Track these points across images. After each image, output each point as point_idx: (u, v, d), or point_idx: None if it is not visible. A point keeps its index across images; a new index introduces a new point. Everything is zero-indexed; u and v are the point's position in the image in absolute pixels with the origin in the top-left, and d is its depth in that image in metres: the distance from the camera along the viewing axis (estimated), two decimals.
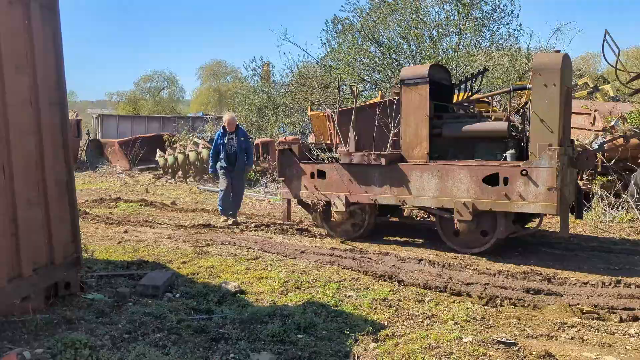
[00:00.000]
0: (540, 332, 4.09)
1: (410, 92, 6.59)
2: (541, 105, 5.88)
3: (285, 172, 7.46)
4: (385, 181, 6.72)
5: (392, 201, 6.76)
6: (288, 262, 6.02)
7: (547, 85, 5.84)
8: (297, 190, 7.36)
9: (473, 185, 6.17)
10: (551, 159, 5.74)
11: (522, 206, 5.95)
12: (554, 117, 5.85)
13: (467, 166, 6.23)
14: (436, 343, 3.81)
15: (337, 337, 3.91)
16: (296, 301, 4.67)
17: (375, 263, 5.95)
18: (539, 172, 5.81)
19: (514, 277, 5.46)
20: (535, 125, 5.94)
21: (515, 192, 5.94)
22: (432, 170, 6.42)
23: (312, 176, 7.22)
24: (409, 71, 6.84)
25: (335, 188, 7.05)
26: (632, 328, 4.13)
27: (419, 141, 6.57)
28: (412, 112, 6.60)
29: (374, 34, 17.52)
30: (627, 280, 5.23)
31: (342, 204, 6.90)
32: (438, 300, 4.77)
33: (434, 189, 6.41)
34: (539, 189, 5.81)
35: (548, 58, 6.07)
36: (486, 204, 6.11)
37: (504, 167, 6.07)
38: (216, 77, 48.03)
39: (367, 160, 6.76)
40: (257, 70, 21.53)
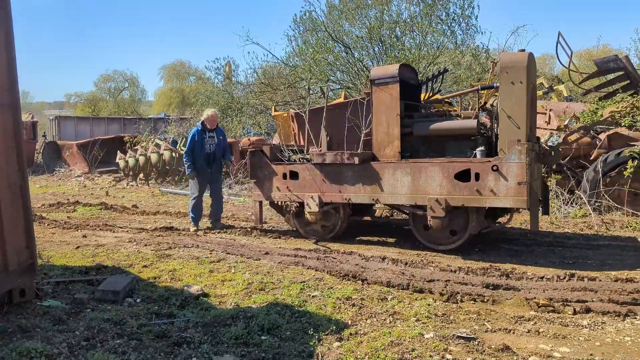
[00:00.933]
0: (499, 326, 4.20)
1: (380, 92, 6.63)
2: (508, 102, 6.00)
3: (256, 173, 7.37)
4: (358, 180, 6.74)
5: (365, 200, 6.77)
6: (252, 263, 5.99)
7: (514, 83, 5.97)
8: (269, 192, 7.29)
9: (445, 182, 6.24)
10: (520, 154, 5.85)
11: (493, 201, 6.04)
12: (521, 113, 5.97)
13: (438, 163, 6.30)
14: (399, 340, 3.86)
15: (300, 337, 3.92)
16: (260, 303, 4.66)
17: (340, 262, 5.99)
18: (509, 167, 5.92)
19: (474, 273, 5.59)
20: (503, 122, 6.05)
21: (487, 187, 6.04)
22: (405, 168, 6.46)
23: (284, 177, 7.17)
24: (379, 71, 6.85)
25: (308, 189, 7.02)
26: (585, 320, 4.29)
27: (390, 140, 6.63)
28: (383, 112, 6.64)
29: (339, 33, 17.62)
30: (580, 273, 5.43)
31: (316, 204, 6.88)
32: (401, 298, 4.84)
33: (407, 187, 6.45)
34: (509, 183, 5.92)
35: (514, 56, 6.19)
36: (458, 200, 6.19)
37: (475, 163, 6.16)
38: (179, 78, 47.29)
39: (340, 160, 6.76)
40: (220, 70, 21.34)
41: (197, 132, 8.17)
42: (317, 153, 7.00)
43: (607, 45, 34.89)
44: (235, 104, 19.46)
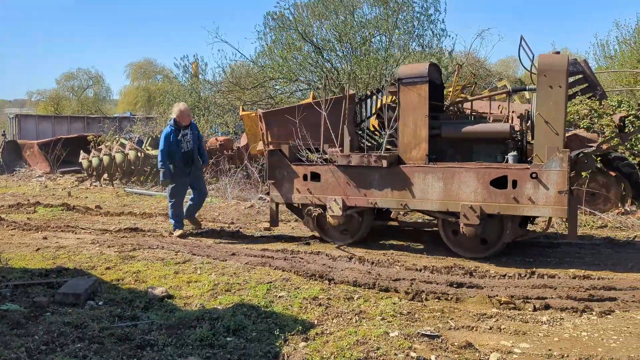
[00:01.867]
0: (462, 323, 4.28)
1: (408, 92, 6.32)
2: (546, 107, 5.76)
3: (274, 174, 7.00)
4: (385, 184, 6.42)
5: (393, 205, 6.50)
6: (218, 264, 5.94)
7: (553, 87, 5.72)
8: (288, 194, 6.93)
9: (480, 188, 5.96)
10: (562, 162, 5.61)
11: (531, 209, 5.80)
12: (559, 119, 5.74)
13: (473, 168, 6.02)
14: (364, 339, 3.89)
15: (266, 338, 3.91)
16: (226, 304, 4.62)
17: (307, 263, 5.99)
18: (549, 175, 5.67)
19: (439, 272, 5.68)
20: (540, 127, 5.81)
21: (525, 195, 5.78)
22: (437, 173, 6.15)
23: (304, 179, 6.83)
24: (407, 69, 6.49)
25: (330, 191, 6.68)
26: (544, 316, 4.41)
27: (417, 142, 6.33)
28: (411, 112, 6.33)
29: (308, 33, 17.63)
30: (540, 271, 5.59)
31: (339, 208, 6.55)
32: (367, 297, 4.88)
33: (439, 192, 6.15)
34: (549, 192, 5.68)
35: (553, 59, 5.93)
36: (494, 207, 5.92)
37: (512, 169, 5.88)
38: (146, 76, 46.45)
39: (367, 162, 6.41)
40: (187, 68, 21.06)
41: (172, 131, 7.51)
42: (342, 155, 6.64)
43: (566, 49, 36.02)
44: (203, 103, 19.23)
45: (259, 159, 11.57)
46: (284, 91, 19.23)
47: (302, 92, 18.74)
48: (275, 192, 7.04)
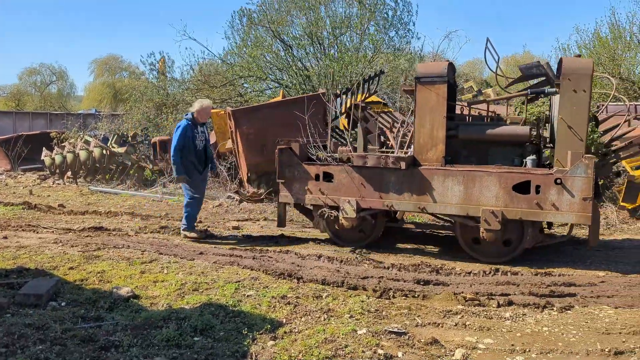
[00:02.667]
0: (429, 320, 4.35)
1: (426, 91, 6.15)
2: (569, 111, 5.70)
3: (284, 173, 6.77)
4: (402, 186, 6.24)
5: (410, 208, 6.31)
6: (186, 264, 5.87)
7: (577, 91, 5.66)
8: (299, 194, 6.72)
9: (502, 193, 5.85)
10: (587, 168, 5.55)
11: (555, 216, 5.75)
12: (582, 124, 5.69)
13: (496, 172, 5.91)
14: (332, 337, 3.91)
15: (234, 337, 3.89)
16: (193, 303, 4.58)
17: (276, 261, 5.98)
18: (574, 181, 5.60)
19: (406, 270, 5.75)
20: (562, 132, 5.76)
21: (548, 201, 5.70)
22: (457, 176, 6.02)
23: (316, 179, 6.62)
24: (425, 68, 6.33)
25: (344, 192, 6.48)
26: (508, 312, 4.53)
27: (434, 143, 6.17)
28: (428, 112, 6.17)
29: (279, 31, 17.57)
30: (504, 268, 5.73)
31: (353, 210, 6.35)
32: (335, 295, 4.90)
33: (458, 196, 6.01)
34: (573, 198, 5.61)
35: (578, 62, 5.90)
36: (516, 213, 5.82)
37: (536, 174, 5.79)
38: (111, 72, 45.44)
39: (384, 163, 6.24)
40: (154, 66, 20.71)
41: (189, 126, 7.06)
42: (358, 155, 6.47)
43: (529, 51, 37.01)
44: (171, 101, 18.94)
45: (228, 157, 11.48)
46: (253, 89, 19.13)
47: (272, 90, 18.67)
48: (284, 192, 6.81)
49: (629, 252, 6.40)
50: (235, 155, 10.65)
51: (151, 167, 13.95)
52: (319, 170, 6.65)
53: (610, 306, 4.62)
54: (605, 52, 19.77)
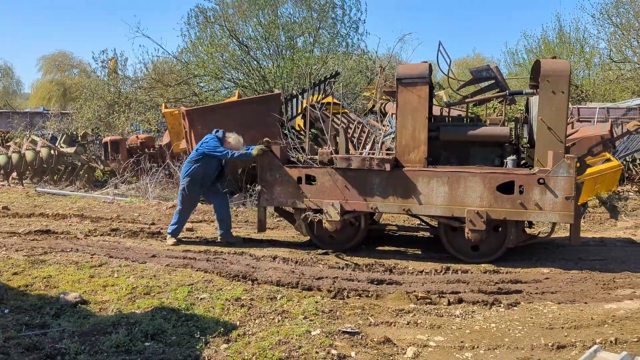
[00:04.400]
0: (382, 319, 4.42)
1: (407, 92, 6.10)
2: (548, 112, 5.80)
3: (265, 176, 6.58)
4: (387, 188, 6.18)
5: (395, 210, 6.28)
6: (137, 267, 5.73)
7: (555, 92, 5.76)
8: (280, 198, 6.55)
9: (486, 194, 5.88)
10: (569, 168, 5.65)
11: (538, 215, 5.83)
12: (561, 124, 5.80)
13: (480, 173, 5.94)
14: (286, 339, 3.92)
15: (187, 341, 3.83)
16: (144, 307, 4.48)
17: (230, 263, 5.93)
18: (556, 181, 5.69)
19: (360, 270, 5.82)
20: (542, 132, 5.86)
21: (532, 200, 5.77)
22: (441, 177, 6.01)
23: (299, 181, 6.47)
24: (406, 69, 6.24)
25: (327, 195, 6.35)
26: (458, 310, 4.65)
27: (416, 145, 6.15)
28: (410, 114, 6.12)
29: (235, 30, 17.41)
30: (455, 267, 5.88)
31: (337, 213, 6.23)
32: (290, 297, 4.91)
33: (443, 197, 6.01)
34: (556, 198, 5.70)
35: (556, 64, 5.97)
36: (500, 213, 5.87)
37: (519, 175, 5.85)
38: (60, 70, 43.87)
39: (369, 165, 6.17)
40: (106, 63, 20.13)
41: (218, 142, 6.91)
42: (341, 157, 6.35)
43: (479, 55, 38.13)
44: (123, 100, 18.46)
45: (182, 158, 11.28)
46: (209, 89, 18.89)
47: (227, 90, 18.49)
48: (265, 195, 6.63)
49: (571, 249, 6.68)
50: None
51: (102, 167, 13.58)
52: (301, 172, 6.51)
53: (553, 302, 4.82)
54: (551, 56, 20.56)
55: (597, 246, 6.94)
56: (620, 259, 6.19)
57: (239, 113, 9.95)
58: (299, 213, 6.68)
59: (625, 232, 7.00)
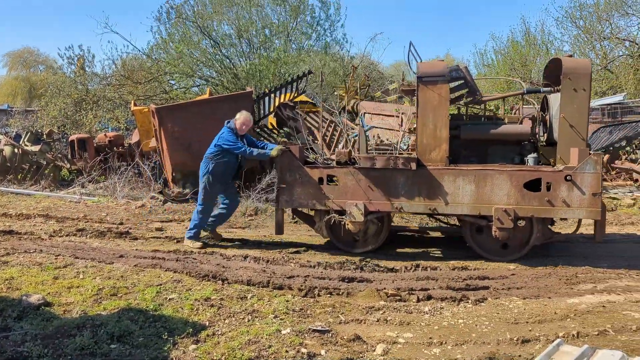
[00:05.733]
0: (352, 317, 4.44)
1: (428, 91, 6.05)
2: (570, 109, 5.86)
3: (285, 177, 6.38)
4: (412, 187, 6.09)
5: (420, 209, 6.17)
6: (104, 268, 5.62)
7: (577, 90, 5.81)
8: (301, 199, 6.36)
9: (513, 191, 5.87)
10: (596, 164, 5.71)
11: (566, 212, 5.85)
12: (583, 121, 5.85)
13: (507, 171, 5.93)
14: (256, 338, 3.90)
15: (154, 342, 3.77)
16: (111, 309, 4.39)
17: (200, 263, 5.87)
18: (583, 178, 5.73)
19: (332, 268, 5.83)
20: (564, 130, 5.91)
21: (559, 197, 5.79)
22: (468, 176, 5.97)
23: (320, 182, 6.31)
24: (427, 68, 6.21)
25: (350, 196, 6.21)
26: (427, 306, 4.70)
27: (437, 143, 6.08)
28: (430, 112, 6.07)
29: (208, 27, 17.22)
30: (424, 264, 5.95)
31: (360, 214, 6.12)
32: (260, 296, 4.88)
33: (470, 196, 5.96)
34: (583, 194, 5.75)
35: (578, 62, 6.03)
36: (527, 210, 5.87)
37: (546, 172, 5.87)
38: (26, 66, 42.73)
39: (393, 165, 6.09)
40: (73, 60, 19.67)
41: (232, 133, 6.72)
42: (365, 156, 6.22)
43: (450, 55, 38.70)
44: (91, 97, 18.06)
45: (152, 156, 11.12)
46: (180, 86, 18.65)
47: (199, 87, 18.29)
48: (285, 196, 6.41)
49: (536, 246, 6.84)
50: (160, 154, 10.34)
51: (69, 166, 13.26)
52: (323, 173, 6.33)
53: (519, 297, 4.92)
54: (518, 57, 21.02)
55: (560, 242, 7.10)
56: (582, 255, 6.36)
57: (210, 111, 9.86)
58: (319, 215, 6.54)
59: (587, 228, 7.18)
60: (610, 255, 6.42)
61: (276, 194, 6.52)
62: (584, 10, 22.38)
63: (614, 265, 5.94)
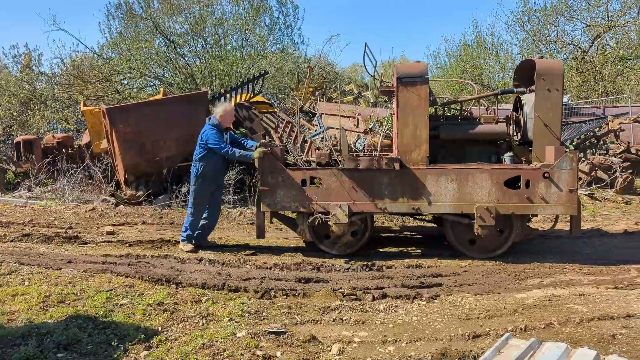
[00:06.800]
0: (308, 318, 4.44)
1: (408, 92, 6.09)
2: (544, 109, 6.02)
3: (267, 180, 6.24)
4: (396, 188, 6.11)
5: (404, 209, 6.18)
6: (51, 274, 5.41)
7: (551, 90, 5.97)
8: (284, 202, 6.24)
9: (494, 189, 5.98)
10: (572, 162, 5.87)
11: (545, 208, 5.99)
12: (556, 120, 6.01)
13: (488, 169, 6.02)
14: (210, 342, 3.85)
15: (104, 350, 3.67)
16: (58, 317, 4.23)
17: (153, 267, 5.74)
18: (560, 175, 5.88)
19: (289, 269, 5.82)
20: (538, 128, 6.06)
21: (538, 194, 5.92)
22: (450, 175, 6.04)
23: (303, 184, 6.22)
24: (406, 69, 6.23)
25: (334, 197, 6.16)
26: (382, 305, 4.76)
27: (417, 144, 6.13)
28: (410, 113, 6.11)
29: (161, 25, 16.85)
30: (380, 263, 6.01)
31: (345, 215, 6.07)
32: (215, 299, 4.82)
33: (452, 194, 6.03)
34: (560, 191, 5.89)
35: (551, 63, 6.18)
36: (508, 208, 5.98)
37: (526, 170, 6.00)
38: None
39: (377, 165, 6.09)
40: (19, 58, 18.89)
41: (216, 129, 6.52)
42: (349, 157, 6.18)
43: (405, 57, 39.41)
44: (38, 97, 17.37)
45: (103, 158, 10.79)
46: (132, 86, 18.18)
47: (152, 87, 17.88)
48: (267, 200, 6.28)
49: None
50: (112, 155, 10.05)
51: (14, 169, 12.72)
52: (306, 175, 6.24)
53: (470, 293, 5.05)
54: (470, 60, 21.61)
55: None
56: (530, 251, 6.58)
57: (163, 111, 9.66)
58: (301, 217, 6.46)
59: (535, 224, 7.46)
60: (556, 251, 6.68)
61: (257, 197, 6.43)
62: (532, 15, 23.24)
63: (560, 260, 6.18)
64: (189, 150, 9.58)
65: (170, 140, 9.57)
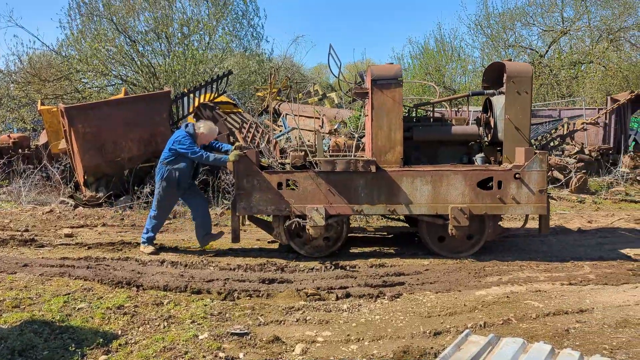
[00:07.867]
0: (271, 318, 4.43)
1: (382, 94, 6.12)
2: (514, 111, 6.17)
3: (242, 184, 6.15)
4: (371, 190, 6.13)
5: (380, 211, 6.20)
6: (5, 278, 5.22)
7: (520, 93, 6.12)
8: (260, 205, 6.16)
9: (468, 190, 6.08)
10: (542, 163, 6.02)
11: (516, 209, 6.13)
12: (526, 122, 6.18)
13: (461, 171, 6.11)
14: (172, 345, 3.80)
15: (60, 355, 3.58)
16: (12, 322, 4.10)
17: (114, 269, 5.61)
18: (530, 175, 6.03)
19: (252, 270, 5.79)
20: (508, 130, 6.21)
21: (509, 195, 6.06)
22: (425, 176, 6.10)
23: (279, 187, 6.16)
24: (380, 71, 6.24)
25: (310, 200, 6.13)
26: (345, 304, 4.79)
27: (392, 145, 6.17)
28: (385, 115, 6.15)
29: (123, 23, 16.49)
30: (343, 263, 6.06)
31: (321, 218, 6.03)
32: (177, 301, 4.76)
33: (427, 196, 6.10)
34: (531, 191, 6.05)
35: (520, 67, 6.31)
36: (481, 208, 6.10)
37: (498, 171, 6.12)
38: None
39: (354, 168, 6.08)
40: None
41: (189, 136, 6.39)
42: (325, 160, 6.14)
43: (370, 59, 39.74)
44: None
45: (62, 159, 10.48)
46: (93, 85, 17.73)
47: (114, 86, 17.49)
48: (242, 203, 6.19)
49: None
50: (70, 156, 9.77)
51: None
52: (282, 178, 6.20)
53: (432, 291, 5.14)
54: (432, 62, 21.98)
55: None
56: (490, 249, 6.75)
57: (125, 111, 9.46)
58: (277, 221, 6.39)
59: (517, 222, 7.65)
60: (515, 249, 6.87)
61: (232, 201, 6.36)
62: (491, 20, 23.82)
63: (518, 257, 6.36)
64: (151, 150, 9.47)
65: (131, 140, 9.37)
